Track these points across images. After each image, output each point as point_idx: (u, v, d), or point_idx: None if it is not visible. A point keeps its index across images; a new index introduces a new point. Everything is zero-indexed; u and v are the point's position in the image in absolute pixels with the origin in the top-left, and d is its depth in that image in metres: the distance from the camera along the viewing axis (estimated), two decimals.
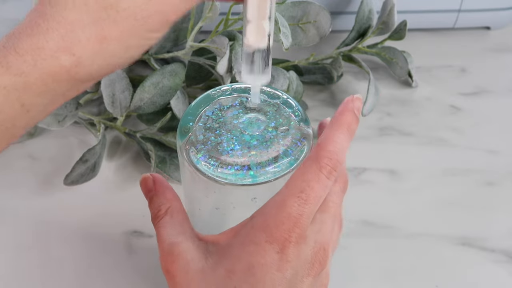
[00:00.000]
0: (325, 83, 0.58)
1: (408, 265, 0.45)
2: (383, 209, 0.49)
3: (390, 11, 0.55)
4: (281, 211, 0.30)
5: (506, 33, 0.65)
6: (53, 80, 0.29)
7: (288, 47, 0.46)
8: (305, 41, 0.51)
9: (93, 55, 0.29)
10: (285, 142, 0.34)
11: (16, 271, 0.44)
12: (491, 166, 0.52)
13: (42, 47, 0.28)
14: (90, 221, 0.47)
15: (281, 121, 0.35)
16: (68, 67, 0.29)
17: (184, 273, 0.31)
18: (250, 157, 0.33)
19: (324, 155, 0.31)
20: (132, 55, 0.31)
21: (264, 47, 0.33)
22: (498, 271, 0.45)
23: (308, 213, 0.30)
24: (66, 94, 0.31)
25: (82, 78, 0.30)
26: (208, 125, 0.35)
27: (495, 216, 0.48)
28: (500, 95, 0.59)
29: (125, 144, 0.53)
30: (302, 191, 0.30)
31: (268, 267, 0.29)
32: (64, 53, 0.29)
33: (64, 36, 0.29)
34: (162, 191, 0.35)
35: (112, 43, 0.29)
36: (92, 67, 0.30)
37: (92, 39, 0.29)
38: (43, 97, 0.29)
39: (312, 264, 0.31)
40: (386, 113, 0.56)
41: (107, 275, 0.44)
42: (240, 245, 0.30)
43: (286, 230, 0.29)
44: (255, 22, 0.32)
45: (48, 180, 0.50)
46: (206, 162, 0.33)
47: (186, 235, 0.32)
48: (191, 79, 0.55)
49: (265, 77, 0.34)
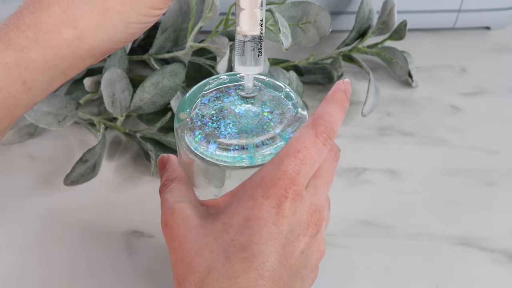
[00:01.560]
0: (325, 83, 0.58)
1: (408, 265, 0.45)
2: (383, 209, 0.49)
3: (390, 11, 0.55)
4: (278, 169, 0.30)
5: (506, 33, 0.65)
6: (55, 55, 0.29)
7: (288, 47, 0.46)
8: (305, 41, 0.51)
9: (95, 28, 0.30)
10: (282, 125, 0.35)
11: (16, 271, 0.44)
12: (491, 166, 0.52)
13: (44, 21, 0.29)
14: (90, 221, 0.47)
15: (277, 106, 0.36)
16: (69, 40, 0.29)
17: (182, 225, 0.31)
18: (247, 139, 0.34)
19: (320, 123, 0.32)
20: (133, 31, 0.31)
21: (257, 34, 0.33)
22: (498, 271, 0.45)
23: (304, 172, 0.31)
24: (67, 72, 0.31)
25: (83, 54, 0.30)
26: (205, 111, 0.35)
27: (495, 216, 0.48)
28: (500, 95, 0.59)
29: (125, 144, 0.53)
30: (299, 151, 0.31)
31: (265, 221, 0.29)
32: (66, 26, 0.29)
33: (66, 9, 0.29)
34: (173, 165, 0.36)
35: (114, 16, 0.30)
36: (94, 40, 0.30)
37: (95, 11, 0.29)
38: (44, 75, 0.30)
39: (307, 224, 0.31)
40: (386, 113, 0.56)
41: (107, 275, 0.44)
42: (238, 201, 0.31)
43: (283, 186, 0.30)
44: (248, 10, 0.33)
45: (48, 180, 0.50)
46: (203, 145, 0.34)
47: (189, 198, 0.33)
48: (191, 79, 0.55)
49: (258, 66, 0.34)
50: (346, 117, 0.55)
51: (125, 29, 0.31)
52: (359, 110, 0.55)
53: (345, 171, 0.51)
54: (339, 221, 0.47)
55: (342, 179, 0.51)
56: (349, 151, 0.52)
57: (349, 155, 0.52)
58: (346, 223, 0.47)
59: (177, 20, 0.53)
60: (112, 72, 0.48)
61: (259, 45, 0.34)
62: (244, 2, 0.33)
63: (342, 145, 0.52)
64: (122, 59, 0.51)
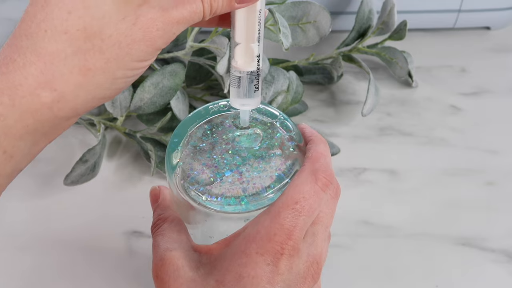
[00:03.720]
0: (325, 83, 0.58)
1: (408, 265, 0.45)
2: (383, 209, 0.49)
3: (390, 11, 0.55)
4: (275, 222, 0.29)
5: (506, 33, 0.65)
6: (34, 119, 0.26)
7: (288, 47, 0.46)
8: (305, 41, 0.51)
9: (77, 89, 0.27)
10: (278, 166, 0.33)
11: (16, 271, 0.44)
12: (491, 166, 0.52)
13: (19, 84, 0.26)
14: (90, 221, 0.47)
15: (274, 143, 0.34)
16: (49, 103, 0.26)
17: (173, 279, 0.30)
18: (242, 184, 0.32)
19: (319, 168, 0.31)
20: (119, 87, 0.28)
21: (253, 70, 0.31)
22: (498, 271, 0.45)
23: (302, 225, 0.29)
24: (49, 134, 0.28)
25: (66, 115, 0.27)
26: (198, 147, 0.33)
27: (495, 216, 0.48)
28: (500, 95, 0.59)
29: (125, 144, 0.53)
30: (297, 202, 0.29)
31: (259, 279, 0.28)
32: (44, 89, 0.26)
33: (43, 70, 0.26)
34: (165, 203, 0.35)
35: (97, 75, 0.27)
36: (77, 101, 0.27)
37: (75, 71, 0.26)
38: (25, 140, 0.27)
39: (304, 278, 0.30)
40: (386, 113, 0.56)
41: (107, 275, 0.44)
42: (231, 256, 0.29)
43: (279, 242, 0.29)
44: (243, 44, 0.30)
45: (48, 180, 0.50)
46: (197, 191, 0.32)
47: (181, 243, 0.32)
48: (191, 79, 0.55)
49: (254, 101, 0.32)
50: (346, 117, 0.56)
51: (110, 85, 0.28)
52: (359, 110, 0.55)
53: (345, 171, 0.51)
54: (339, 221, 0.47)
55: (342, 179, 0.51)
56: (349, 151, 0.52)
57: (349, 155, 0.52)
58: (346, 223, 0.47)
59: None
60: None
61: (255, 80, 0.32)
62: (239, 36, 0.30)
63: (342, 145, 0.52)
64: None
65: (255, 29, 0.30)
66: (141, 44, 0.27)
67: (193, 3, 0.28)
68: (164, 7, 0.28)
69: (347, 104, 0.57)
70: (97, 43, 0.26)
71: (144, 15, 0.27)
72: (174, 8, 0.28)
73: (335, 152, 0.52)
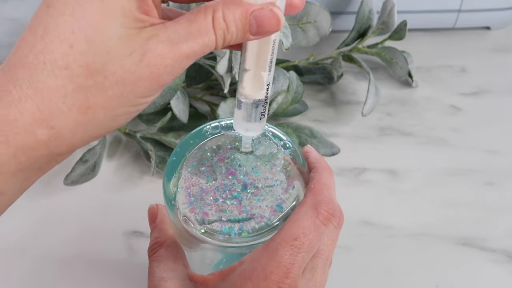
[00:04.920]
0: (325, 83, 0.58)
1: (408, 265, 0.45)
2: (383, 209, 0.49)
3: (390, 11, 0.55)
4: (272, 260, 0.28)
5: (506, 33, 0.65)
6: (28, 157, 0.25)
7: (288, 47, 0.46)
8: (305, 41, 0.51)
9: (76, 127, 0.25)
10: (279, 195, 0.31)
11: (16, 271, 0.44)
12: (491, 166, 0.52)
13: (14, 119, 0.24)
14: (90, 221, 0.47)
15: (276, 170, 0.32)
16: (45, 141, 0.25)
17: None
18: (241, 214, 0.31)
19: (321, 201, 0.30)
20: (119, 123, 0.27)
21: (261, 98, 0.29)
22: (498, 271, 0.45)
23: (301, 262, 0.28)
24: (42, 168, 0.27)
25: (62, 151, 0.26)
26: (196, 172, 0.32)
27: (495, 216, 0.48)
28: (500, 95, 0.59)
29: (125, 144, 0.53)
30: (296, 238, 0.28)
31: None
32: (40, 126, 0.24)
33: (40, 106, 0.24)
34: (162, 225, 0.34)
35: (97, 113, 0.25)
36: (74, 139, 0.26)
37: (75, 109, 0.25)
38: (17, 177, 0.26)
39: None
40: (386, 113, 0.56)
41: (107, 275, 0.44)
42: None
43: (275, 281, 0.27)
44: (253, 71, 0.28)
45: (48, 180, 0.50)
46: (196, 222, 0.31)
47: (177, 272, 0.31)
48: (191, 79, 0.55)
49: (259, 127, 0.31)
50: (346, 117, 0.56)
51: (111, 123, 0.26)
52: (359, 110, 0.55)
53: (345, 171, 0.51)
54: None
55: (342, 179, 0.51)
56: (349, 151, 0.52)
57: (349, 155, 0.52)
58: (346, 223, 0.47)
59: None
60: None
61: (262, 108, 0.30)
62: (249, 63, 0.28)
63: (342, 145, 0.52)
64: None
65: (267, 58, 0.28)
66: (146, 81, 0.25)
67: (205, 35, 0.26)
68: (174, 41, 0.25)
69: (347, 104, 0.57)
70: (99, 80, 0.25)
71: (152, 50, 0.25)
72: (184, 42, 0.25)
73: (335, 152, 0.52)
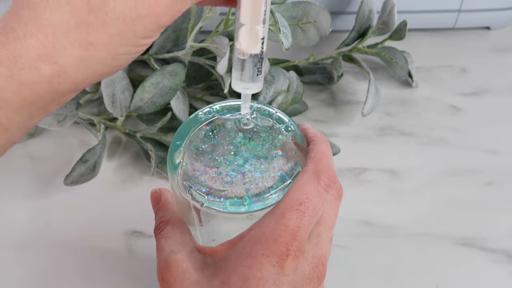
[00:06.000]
0: (325, 83, 0.58)
1: (408, 265, 0.45)
2: (383, 209, 0.49)
3: (390, 11, 0.55)
4: (279, 224, 0.29)
5: (506, 33, 0.65)
6: (32, 93, 0.26)
7: (288, 47, 0.46)
8: (305, 41, 0.51)
9: (78, 63, 0.26)
10: (281, 166, 0.33)
11: (16, 271, 0.44)
12: (491, 166, 0.52)
13: (19, 55, 0.25)
14: (90, 221, 0.47)
15: (276, 142, 0.34)
16: (49, 77, 0.26)
17: (179, 281, 0.30)
18: (244, 184, 0.32)
19: (321, 168, 0.31)
20: (120, 63, 0.28)
21: (257, 53, 0.31)
22: (498, 271, 0.45)
23: (307, 225, 0.29)
24: (46, 108, 0.28)
25: (64, 89, 0.27)
26: (200, 149, 0.33)
27: (495, 216, 0.48)
28: (500, 95, 0.59)
29: (125, 144, 0.53)
30: (301, 203, 0.30)
31: (264, 281, 0.28)
32: (44, 61, 0.25)
33: (44, 42, 0.25)
34: (166, 205, 0.34)
35: (99, 50, 0.26)
36: (76, 76, 0.27)
37: (77, 45, 0.26)
38: (22, 113, 0.26)
39: (310, 279, 0.30)
40: (386, 113, 0.56)
41: (107, 275, 0.44)
42: (237, 258, 0.29)
43: (284, 243, 0.29)
44: (248, 26, 0.30)
45: (48, 180, 0.50)
46: (199, 191, 0.32)
47: (185, 245, 0.32)
48: (191, 79, 0.55)
49: (256, 85, 0.32)
50: (346, 117, 0.56)
51: (112, 62, 0.27)
52: (359, 110, 0.55)
53: (345, 171, 0.51)
54: (339, 221, 0.46)
55: (342, 179, 0.50)
56: (349, 151, 0.52)
57: (349, 155, 0.52)
58: (346, 223, 0.47)
59: (177, 20, 0.53)
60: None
61: (259, 64, 0.31)
62: (244, 17, 0.30)
63: (342, 145, 0.52)
64: None
65: (261, 10, 0.29)
66: (145, 21, 0.27)
67: None
68: None
69: (347, 104, 0.57)
70: (100, 16, 0.26)
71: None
72: None
73: (335, 152, 0.52)
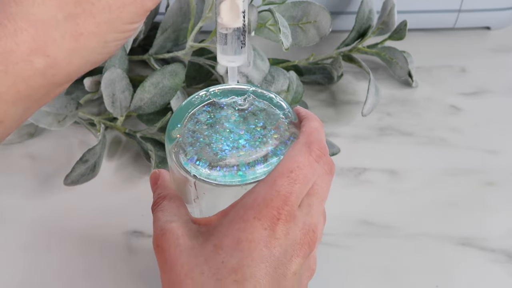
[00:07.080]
0: (325, 83, 0.58)
1: (408, 265, 0.45)
2: (383, 209, 0.49)
3: (390, 11, 0.55)
4: (271, 189, 0.30)
5: (506, 33, 0.65)
6: (28, 86, 0.27)
7: (288, 47, 0.46)
8: (305, 41, 0.51)
9: (70, 54, 0.27)
10: (274, 141, 0.34)
11: (15, 271, 0.44)
12: (491, 166, 0.52)
13: (11, 50, 0.26)
14: (90, 221, 0.47)
15: (270, 121, 0.35)
16: (43, 69, 0.27)
17: (173, 247, 0.30)
18: (239, 157, 0.33)
19: (313, 141, 0.32)
20: (111, 50, 0.29)
21: (239, 26, 0.32)
22: (498, 271, 0.45)
23: (298, 192, 0.30)
24: (42, 100, 0.29)
25: (59, 81, 0.28)
26: (196, 126, 0.34)
27: (495, 216, 0.48)
28: (500, 95, 0.59)
29: (125, 144, 0.53)
30: (292, 171, 0.30)
31: (256, 243, 0.29)
32: (37, 55, 0.26)
33: (35, 36, 0.26)
34: (164, 184, 0.35)
35: (89, 39, 0.27)
36: (70, 67, 0.28)
37: (68, 36, 0.27)
38: (17, 106, 0.27)
39: (301, 244, 0.30)
40: (386, 113, 0.56)
41: (107, 275, 0.44)
42: (229, 223, 0.30)
43: (275, 207, 0.29)
44: (229, 0, 0.31)
45: (48, 180, 0.50)
46: (194, 164, 0.33)
47: (180, 216, 0.32)
48: (191, 79, 0.55)
49: (241, 57, 0.33)
50: (346, 117, 0.56)
51: (103, 49, 0.29)
52: (359, 110, 0.55)
53: (345, 171, 0.51)
54: (339, 221, 0.47)
55: (342, 179, 0.51)
56: (349, 151, 0.52)
57: (349, 155, 0.52)
58: (346, 223, 0.47)
59: (177, 20, 0.53)
60: (112, 72, 0.48)
61: (242, 37, 0.32)
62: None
63: (342, 145, 0.52)
64: (122, 59, 0.51)
65: None
66: (131, 7, 0.28)
67: None
68: None
69: (347, 104, 0.57)
70: (87, 7, 0.27)
71: None
72: None
73: (335, 152, 0.52)
